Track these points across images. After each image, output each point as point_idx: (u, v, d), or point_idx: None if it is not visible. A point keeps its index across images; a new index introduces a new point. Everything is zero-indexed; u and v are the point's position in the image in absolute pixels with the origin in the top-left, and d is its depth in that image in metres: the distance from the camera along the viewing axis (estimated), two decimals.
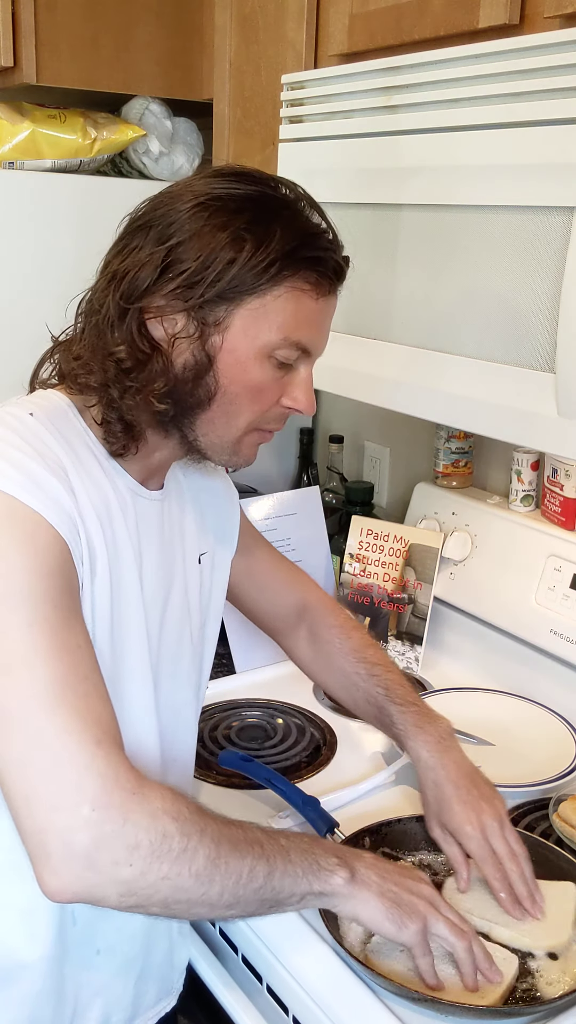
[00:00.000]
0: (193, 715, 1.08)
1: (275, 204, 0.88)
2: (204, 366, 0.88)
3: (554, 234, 0.99)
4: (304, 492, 1.72)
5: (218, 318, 0.86)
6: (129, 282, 0.86)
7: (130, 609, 0.92)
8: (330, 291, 0.91)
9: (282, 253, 0.85)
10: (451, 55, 1.08)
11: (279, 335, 0.88)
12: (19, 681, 0.77)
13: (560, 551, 1.46)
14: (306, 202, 0.91)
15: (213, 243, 0.84)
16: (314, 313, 0.90)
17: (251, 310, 0.87)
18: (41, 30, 1.61)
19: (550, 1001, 0.90)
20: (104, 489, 0.89)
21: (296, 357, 0.91)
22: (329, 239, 0.91)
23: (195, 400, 0.89)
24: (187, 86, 1.77)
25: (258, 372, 0.89)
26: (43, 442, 0.85)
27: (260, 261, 0.85)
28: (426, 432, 1.75)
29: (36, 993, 0.93)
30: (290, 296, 0.87)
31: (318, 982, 0.94)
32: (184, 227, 0.85)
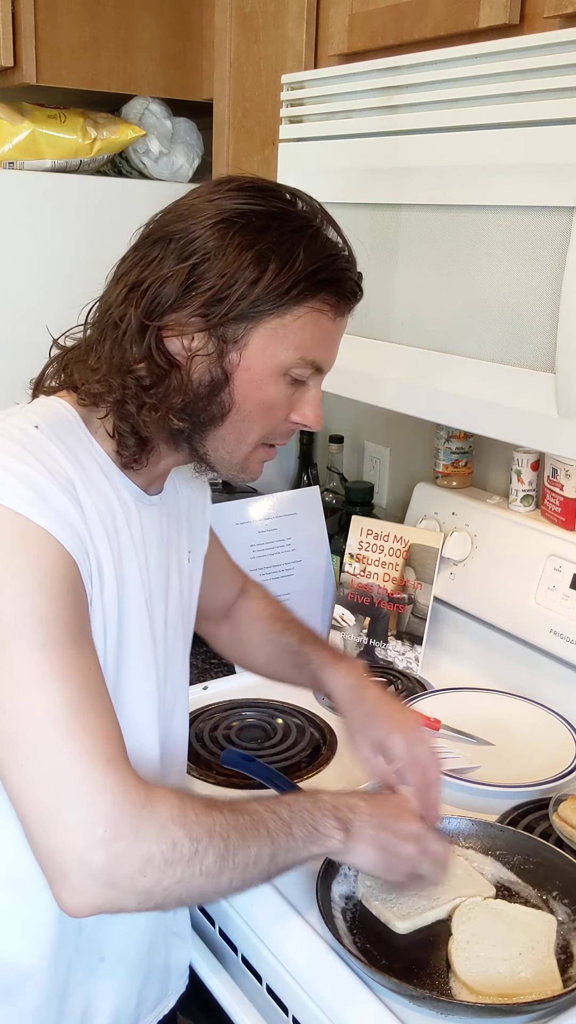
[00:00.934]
0: (185, 710, 1.09)
1: (297, 223, 0.88)
2: (220, 383, 0.88)
3: (554, 234, 0.99)
4: (304, 492, 1.72)
5: (237, 336, 0.86)
6: (151, 298, 0.85)
7: (135, 616, 0.93)
8: (346, 311, 0.93)
9: (304, 275, 0.86)
10: (451, 55, 1.08)
11: (296, 354, 0.89)
12: (33, 703, 0.78)
13: (560, 551, 1.46)
14: (323, 217, 0.91)
15: (238, 262, 0.84)
16: (330, 333, 0.91)
17: (270, 329, 0.87)
18: (41, 30, 1.62)
19: (550, 1000, 0.90)
20: (110, 500, 0.89)
21: (310, 375, 0.92)
22: (347, 258, 0.91)
23: (208, 416, 0.89)
24: (187, 86, 1.77)
25: (272, 390, 0.89)
26: (50, 456, 0.84)
27: (283, 283, 0.85)
28: (426, 432, 1.75)
29: (41, 1003, 0.93)
30: (309, 317, 0.88)
31: (318, 982, 0.94)
32: (207, 244, 0.85)
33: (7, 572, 0.78)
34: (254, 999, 1.02)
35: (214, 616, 1.27)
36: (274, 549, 1.65)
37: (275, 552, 1.65)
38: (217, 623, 1.28)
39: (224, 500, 1.64)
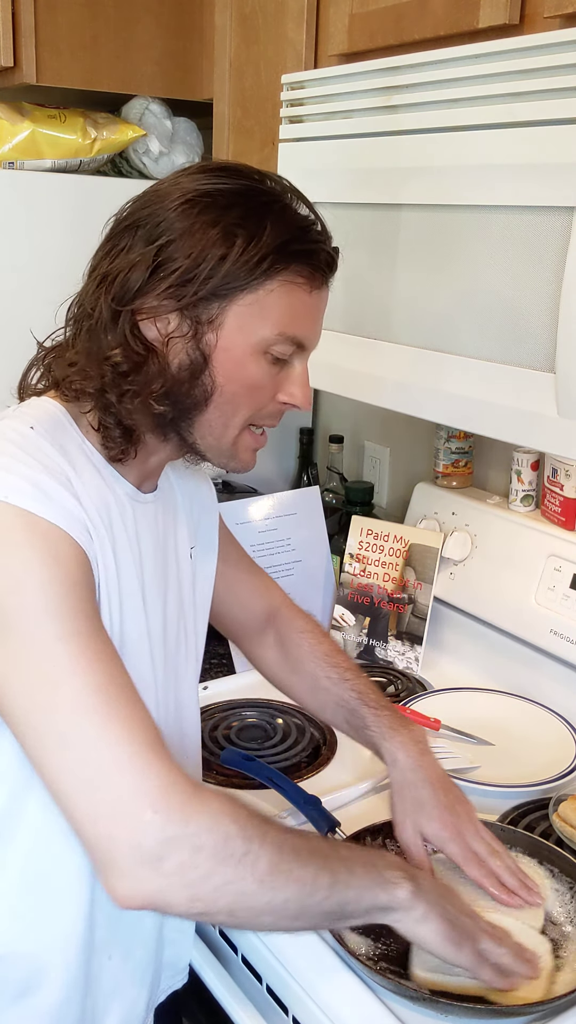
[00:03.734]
0: (195, 711, 1.08)
1: (264, 198, 0.87)
2: (200, 365, 0.87)
3: (554, 234, 0.99)
4: (304, 492, 1.72)
5: (212, 316, 0.86)
6: (120, 284, 0.85)
7: (132, 613, 0.92)
8: (323, 283, 0.91)
9: (274, 247, 0.84)
10: (451, 55, 1.08)
11: (274, 330, 0.87)
12: (65, 696, 0.77)
13: (560, 551, 1.46)
14: (293, 194, 0.90)
15: (204, 240, 0.83)
16: (308, 307, 0.89)
17: (245, 306, 0.86)
18: (41, 30, 1.61)
19: (550, 1001, 0.90)
20: (105, 497, 0.89)
21: (291, 352, 0.90)
22: (319, 231, 0.90)
23: (192, 401, 0.88)
24: (187, 86, 1.77)
25: (254, 369, 0.88)
26: (47, 455, 0.84)
27: (252, 256, 0.84)
28: (426, 432, 1.75)
29: (57, 1003, 0.92)
30: (284, 290, 0.87)
31: (318, 982, 0.94)
32: (173, 225, 0.84)
33: (20, 568, 0.78)
34: (254, 999, 1.02)
35: (248, 633, 1.24)
36: (274, 549, 1.65)
37: (275, 552, 1.65)
38: (257, 644, 1.25)
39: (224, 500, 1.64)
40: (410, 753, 1.07)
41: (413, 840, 1.04)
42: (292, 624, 1.23)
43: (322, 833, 1.12)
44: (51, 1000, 0.92)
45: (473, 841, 1.02)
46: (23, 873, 0.90)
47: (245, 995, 1.03)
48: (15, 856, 0.89)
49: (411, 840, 1.04)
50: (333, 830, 1.12)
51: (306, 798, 1.16)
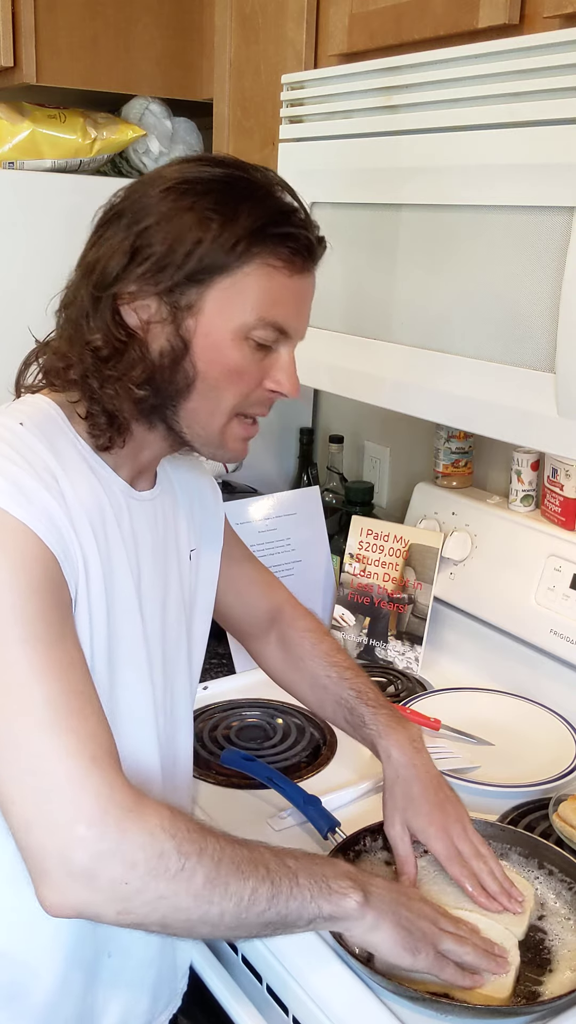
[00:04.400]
0: (188, 712, 1.08)
1: (244, 185, 0.87)
2: (180, 351, 0.86)
3: (554, 234, 0.99)
4: (304, 492, 1.72)
5: (190, 301, 0.85)
6: (100, 270, 0.86)
7: (126, 615, 0.92)
8: (303, 269, 0.89)
9: (250, 230, 0.84)
10: (451, 55, 1.08)
11: (254, 315, 0.87)
12: (16, 701, 0.77)
13: (560, 551, 1.46)
14: (280, 185, 0.90)
15: (180, 225, 0.84)
16: (288, 292, 0.88)
17: (222, 290, 0.85)
18: (41, 30, 1.61)
19: (550, 1001, 0.90)
20: (98, 495, 0.89)
21: (275, 339, 0.89)
22: (300, 217, 0.89)
23: (175, 388, 0.88)
24: (187, 86, 1.77)
25: (236, 354, 0.88)
26: (34, 452, 0.84)
27: (227, 239, 0.84)
28: (426, 432, 1.75)
29: (47, 1002, 0.92)
30: (261, 273, 0.86)
31: (318, 982, 0.94)
32: (152, 212, 0.85)
33: None
34: (254, 999, 1.02)
35: (253, 632, 1.25)
36: (274, 549, 1.65)
37: (275, 552, 1.65)
38: (260, 642, 1.26)
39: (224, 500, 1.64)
40: (405, 751, 1.08)
41: (400, 835, 1.04)
42: (295, 623, 1.24)
43: (322, 833, 1.12)
44: (43, 1000, 0.92)
45: (459, 840, 1.03)
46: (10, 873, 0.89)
47: (245, 995, 1.03)
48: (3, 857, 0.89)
49: (398, 835, 1.05)
50: (333, 830, 1.12)
51: (306, 798, 1.16)
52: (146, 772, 0.96)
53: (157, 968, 1.03)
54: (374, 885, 0.89)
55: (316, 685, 1.19)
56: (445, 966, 0.88)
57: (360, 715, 1.13)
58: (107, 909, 0.77)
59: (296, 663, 1.22)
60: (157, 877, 0.76)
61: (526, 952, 0.97)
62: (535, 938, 1.00)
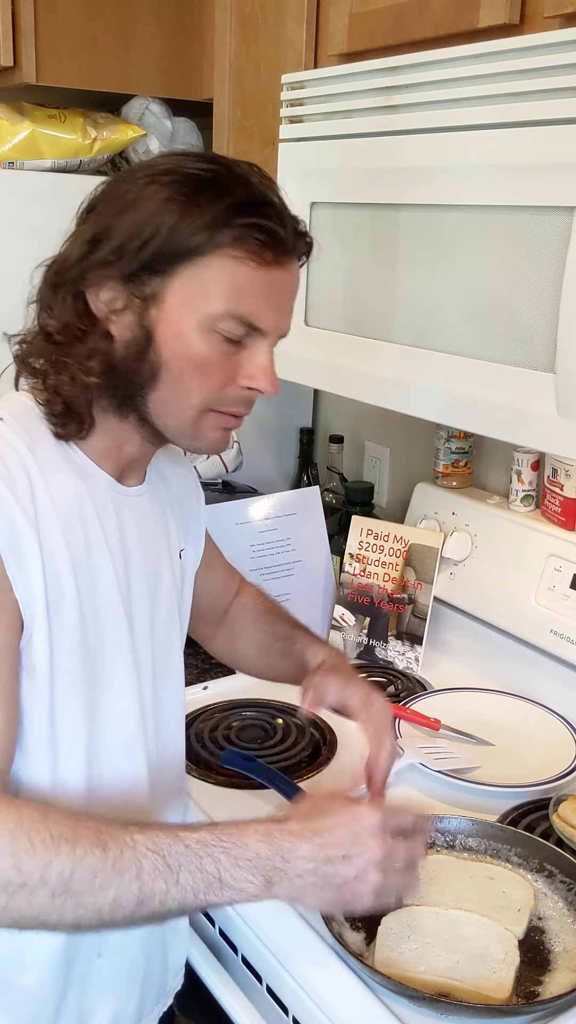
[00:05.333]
0: (180, 709, 1.08)
1: (213, 176, 0.84)
2: (143, 341, 0.85)
3: (554, 234, 0.99)
4: (304, 492, 1.72)
5: (153, 290, 0.84)
6: (62, 259, 0.86)
7: (109, 612, 0.91)
8: (274, 262, 0.85)
9: (212, 218, 0.82)
10: (451, 55, 1.08)
11: (220, 306, 0.84)
12: None
13: (560, 551, 1.46)
14: (261, 178, 0.87)
15: (143, 212, 0.82)
16: (257, 284, 0.85)
17: (185, 281, 0.83)
18: (41, 30, 1.61)
19: (550, 1001, 0.90)
20: (79, 492, 0.88)
21: (244, 332, 0.86)
22: (273, 209, 0.86)
23: (141, 378, 0.87)
24: (187, 86, 1.77)
25: (201, 346, 0.85)
26: (11, 446, 0.84)
27: (189, 226, 0.81)
28: (426, 432, 1.75)
29: (38, 999, 0.92)
30: (225, 264, 0.83)
31: (318, 982, 0.94)
32: (118, 200, 0.84)
33: None
34: (254, 999, 1.02)
35: (209, 618, 1.26)
36: (274, 549, 1.65)
37: (275, 552, 1.65)
38: (213, 626, 1.27)
39: (224, 500, 1.64)
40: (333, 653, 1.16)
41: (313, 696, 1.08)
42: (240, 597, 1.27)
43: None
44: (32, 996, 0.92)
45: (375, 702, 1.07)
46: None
47: (245, 995, 1.03)
48: None
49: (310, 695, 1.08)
50: None
51: None
52: (132, 771, 0.95)
53: (147, 966, 1.03)
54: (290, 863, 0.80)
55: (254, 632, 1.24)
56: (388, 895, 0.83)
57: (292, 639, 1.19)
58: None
59: (236, 625, 1.26)
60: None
61: (526, 952, 0.97)
62: (535, 938, 1.00)
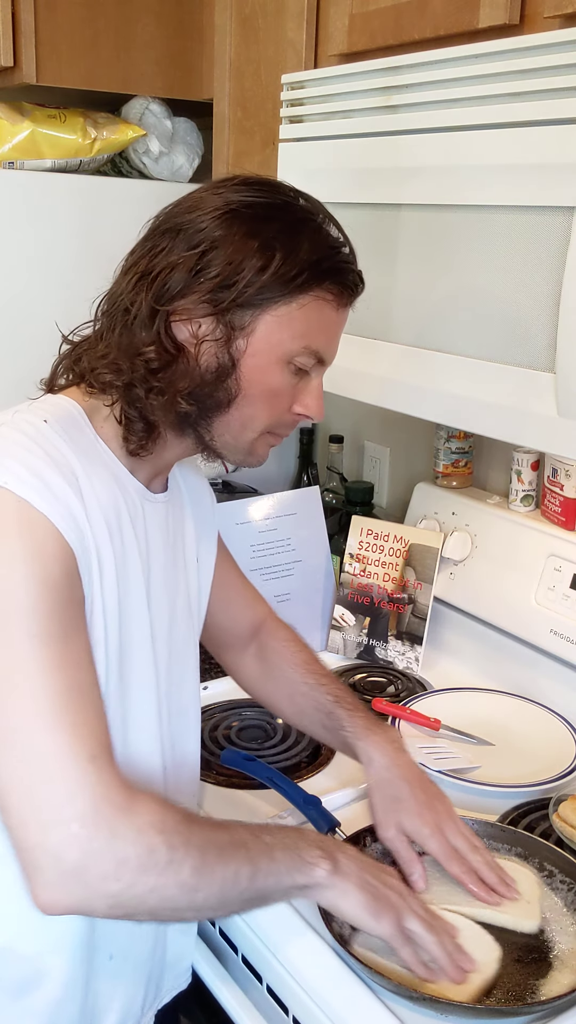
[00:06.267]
0: (196, 716, 1.08)
1: (300, 214, 0.91)
2: (227, 369, 0.89)
3: (554, 234, 0.99)
4: (304, 492, 1.72)
5: (244, 323, 0.88)
6: (161, 284, 0.87)
7: (136, 617, 0.93)
8: (349, 303, 0.95)
9: (309, 264, 0.88)
10: (451, 55, 1.08)
11: (301, 343, 0.90)
12: (21, 695, 0.78)
13: (560, 551, 1.46)
14: (324, 215, 0.93)
15: (244, 250, 0.86)
16: (333, 323, 0.93)
17: (276, 317, 0.89)
18: (41, 30, 1.61)
19: (550, 1001, 0.90)
20: (115, 495, 0.90)
21: (312, 365, 0.93)
22: (348, 253, 0.93)
23: (215, 402, 0.90)
24: (187, 86, 1.77)
25: (277, 377, 0.91)
26: (57, 449, 0.85)
27: (289, 270, 0.87)
28: (426, 432, 1.75)
29: (54, 1001, 0.93)
30: (314, 306, 0.90)
31: (318, 982, 0.94)
32: (215, 232, 0.87)
33: (5, 560, 0.79)
34: (254, 999, 1.02)
35: (233, 643, 1.25)
36: (274, 549, 1.65)
37: (275, 552, 1.65)
38: (238, 654, 1.25)
39: (224, 500, 1.64)
40: (386, 752, 1.08)
41: (397, 838, 1.04)
42: (275, 634, 1.24)
43: (322, 833, 1.12)
44: (50, 999, 0.92)
45: (453, 837, 1.03)
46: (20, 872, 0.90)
47: (245, 995, 1.03)
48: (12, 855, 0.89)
49: (395, 839, 1.04)
50: (333, 830, 1.12)
51: (306, 798, 1.16)
52: (148, 776, 0.96)
53: (151, 964, 1.03)
54: (343, 853, 0.91)
55: (294, 693, 1.19)
56: (405, 943, 0.90)
57: (338, 719, 1.13)
58: (99, 904, 0.79)
59: (273, 672, 1.22)
60: (147, 872, 0.78)
61: (526, 952, 0.97)
62: (535, 938, 1.00)
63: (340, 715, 1.13)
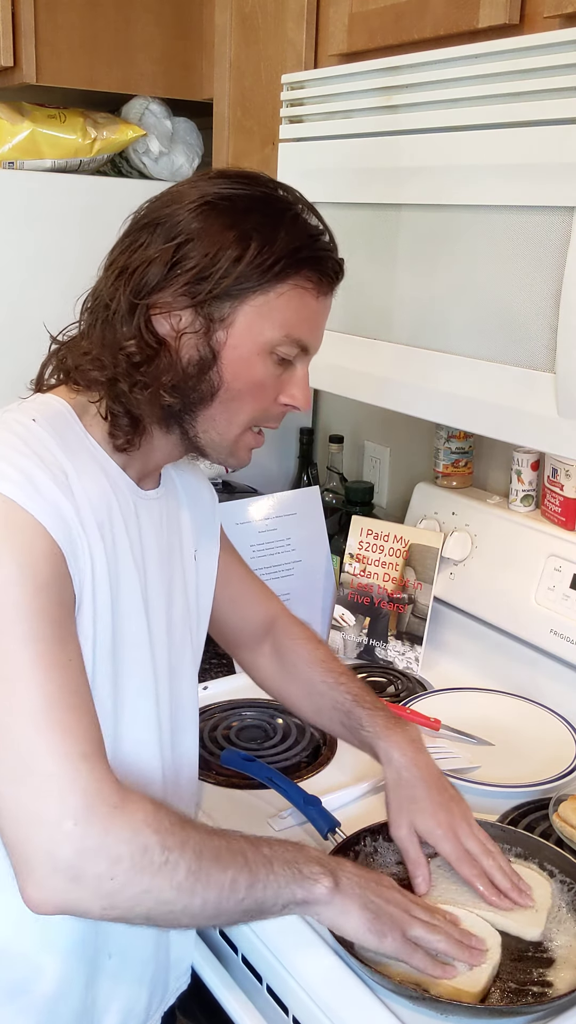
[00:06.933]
0: (194, 712, 1.08)
1: (279, 205, 0.91)
2: (208, 361, 0.89)
3: (554, 234, 0.99)
4: (304, 492, 1.72)
5: (223, 314, 0.88)
6: (139, 278, 0.87)
7: (131, 616, 0.92)
8: (329, 290, 0.94)
9: (286, 252, 0.88)
10: (451, 55, 1.08)
11: (281, 332, 0.90)
12: (12, 697, 0.78)
13: (560, 551, 1.46)
14: (304, 204, 0.93)
15: (221, 241, 0.86)
16: (314, 312, 0.93)
17: (255, 307, 0.88)
18: (41, 30, 1.61)
19: (550, 1001, 0.90)
20: (106, 493, 0.90)
21: (296, 354, 0.93)
22: (328, 240, 0.93)
23: (198, 395, 0.90)
24: (187, 86, 1.77)
25: (260, 368, 0.91)
26: (47, 448, 0.85)
27: (265, 260, 0.87)
28: (426, 432, 1.75)
29: (49, 1001, 0.92)
30: (293, 294, 0.90)
31: (318, 982, 0.94)
32: (191, 225, 0.87)
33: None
34: (254, 999, 1.02)
35: (246, 641, 1.25)
36: (274, 549, 1.65)
37: (275, 552, 1.65)
38: (253, 652, 1.25)
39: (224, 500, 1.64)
40: (405, 752, 1.07)
41: (408, 838, 1.04)
42: (289, 631, 1.24)
43: (322, 833, 1.12)
44: (46, 998, 0.92)
45: (467, 840, 1.03)
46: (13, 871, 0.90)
47: (245, 995, 1.03)
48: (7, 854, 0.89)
49: (406, 838, 1.04)
50: (333, 830, 1.12)
51: (306, 798, 1.16)
52: (146, 775, 0.96)
53: (154, 965, 1.03)
54: (343, 871, 0.90)
55: (312, 691, 1.19)
56: (414, 952, 0.89)
57: (357, 718, 1.13)
58: (92, 905, 0.78)
59: (291, 670, 1.21)
60: (141, 872, 0.77)
61: (526, 952, 0.97)
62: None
63: (359, 714, 1.13)
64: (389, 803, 1.07)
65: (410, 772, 1.06)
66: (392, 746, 1.08)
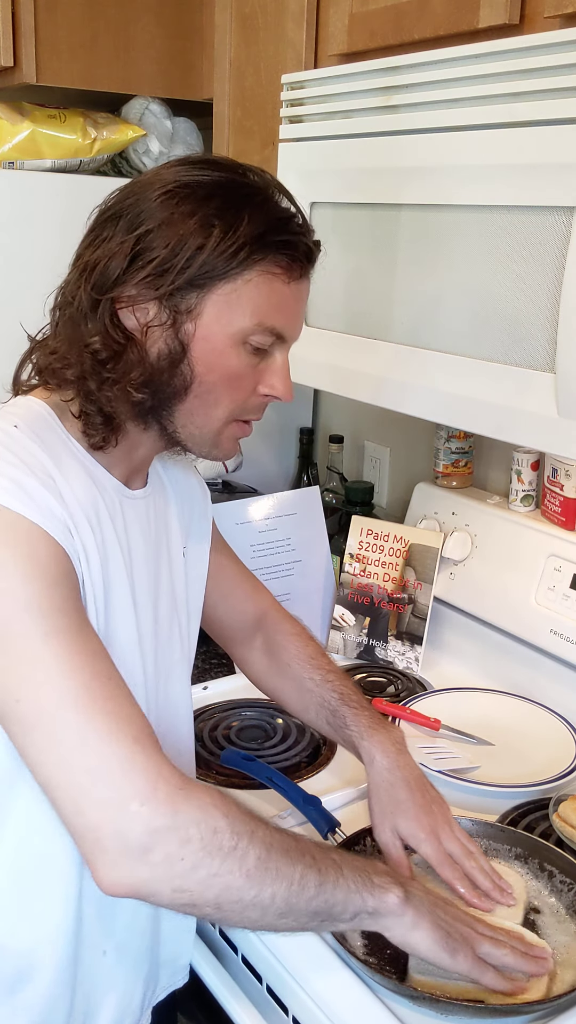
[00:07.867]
0: (187, 711, 1.08)
1: (244, 190, 0.87)
2: (178, 354, 0.87)
3: (554, 234, 0.99)
4: (304, 492, 1.72)
5: (190, 305, 0.86)
6: (100, 272, 0.86)
7: (121, 612, 0.92)
8: (301, 275, 0.91)
9: (251, 237, 0.85)
10: (451, 55, 1.08)
11: (252, 320, 0.87)
12: (51, 694, 0.77)
13: (560, 551, 1.46)
14: (276, 188, 0.90)
15: (182, 230, 0.84)
16: (286, 297, 0.90)
17: (223, 295, 0.86)
18: (41, 30, 1.62)
19: (550, 1001, 0.90)
20: (92, 493, 0.89)
21: (271, 343, 0.90)
22: (298, 223, 0.90)
23: (172, 390, 0.89)
24: (187, 86, 1.77)
25: (234, 359, 0.89)
26: (31, 453, 0.84)
27: (229, 246, 0.84)
28: (426, 432, 1.75)
29: (46, 997, 0.93)
30: (261, 280, 0.87)
31: (318, 982, 0.94)
32: (153, 215, 0.85)
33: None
34: (254, 999, 1.02)
35: (237, 636, 1.24)
36: (274, 549, 1.65)
37: (275, 552, 1.65)
38: (245, 647, 1.25)
39: (224, 500, 1.64)
40: (388, 753, 1.07)
41: (391, 840, 1.04)
42: (279, 627, 1.24)
43: (322, 833, 1.12)
44: (41, 994, 0.92)
45: (448, 842, 1.03)
46: (12, 868, 0.90)
47: (245, 995, 1.03)
48: (4, 851, 0.89)
49: (389, 840, 1.04)
50: (333, 830, 1.12)
51: (306, 798, 1.16)
52: None
53: (149, 962, 1.03)
54: (411, 886, 0.89)
55: (301, 688, 1.19)
56: (485, 970, 0.88)
57: (342, 716, 1.13)
58: (163, 887, 0.77)
59: (281, 667, 1.22)
60: (211, 854, 0.77)
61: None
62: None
63: (344, 713, 1.13)
64: (372, 805, 1.07)
65: (392, 774, 1.06)
66: (375, 746, 1.08)
